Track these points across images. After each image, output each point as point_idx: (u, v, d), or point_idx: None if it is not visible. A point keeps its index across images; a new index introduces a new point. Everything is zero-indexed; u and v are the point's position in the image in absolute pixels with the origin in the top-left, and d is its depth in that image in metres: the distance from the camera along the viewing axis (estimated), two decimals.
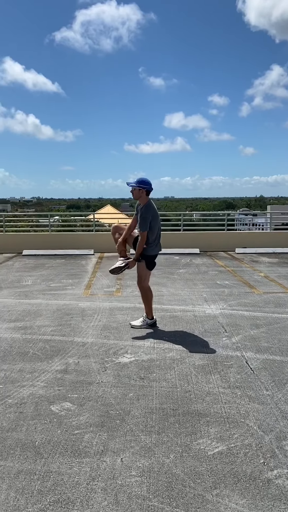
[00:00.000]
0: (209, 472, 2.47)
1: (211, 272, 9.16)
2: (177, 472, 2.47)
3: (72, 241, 12.86)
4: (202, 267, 9.83)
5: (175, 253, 11.94)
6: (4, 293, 7.16)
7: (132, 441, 2.80)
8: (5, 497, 2.27)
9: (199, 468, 2.50)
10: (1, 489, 2.33)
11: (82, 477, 2.43)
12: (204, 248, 12.54)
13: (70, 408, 3.22)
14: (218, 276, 8.68)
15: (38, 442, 2.78)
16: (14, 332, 5.02)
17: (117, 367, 4.00)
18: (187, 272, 9.16)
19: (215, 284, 7.83)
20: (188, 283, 7.94)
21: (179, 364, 4.06)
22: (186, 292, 7.12)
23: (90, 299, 6.73)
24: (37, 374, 3.84)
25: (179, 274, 8.92)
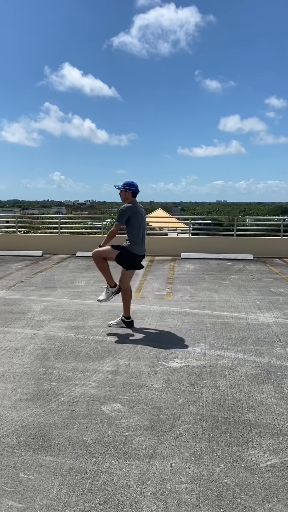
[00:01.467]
0: (261, 485, 2.39)
1: (265, 279, 8.93)
2: (227, 482, 2.42)
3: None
4: (255, 273, 9.61)
5: (227, 258, 11.77)
6: (59, 293, 7.36)
7: (182, 447, 2.77)
8: (57, 493, 2.32)
9: (251, 480, 2.44)
10: (53, 485, 2.39)
11: (131, 479, 2.44)
12: (258, 254, 12.26)
13: (120, 410, 3.25)
14: (272, 283, 8.44)
15: (89, 441, 2.83)
16: (67, 331, 5.15)
17: (167, 371, 3.99)
18: (240, 278, 8.99)
19: (269, 291, 7.63)
20: (241, 289, 7.78)
21: (231, 372, 3.99)
22: (238, 299, 6.99)
23: (141, 302, 6.77)
24: (89, 374, 3.91)
25: (232, 280, 8.77)
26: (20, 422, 3.06)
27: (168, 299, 6.96)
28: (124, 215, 5.12)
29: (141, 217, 5.30)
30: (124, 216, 5.12)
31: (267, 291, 7.62)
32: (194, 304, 6.58)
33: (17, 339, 4.85)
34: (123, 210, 5.14)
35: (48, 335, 5.02)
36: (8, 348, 4.56)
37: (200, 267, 10.43)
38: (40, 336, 4.96)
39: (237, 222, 13.80)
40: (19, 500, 2.27)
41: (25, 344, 4.70)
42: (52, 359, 4.26)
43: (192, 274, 9.48)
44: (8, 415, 3.16)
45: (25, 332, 5.11)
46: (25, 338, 4.89)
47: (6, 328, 5.29)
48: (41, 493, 2.32)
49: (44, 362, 4.19)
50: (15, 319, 5.71)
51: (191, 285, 8.10)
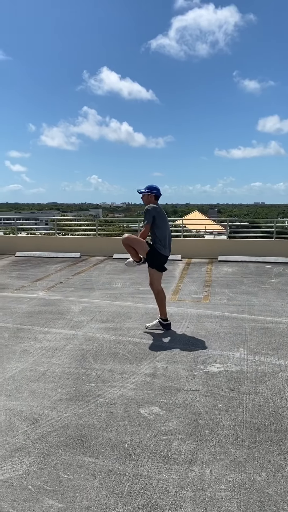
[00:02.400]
0: None
1: None
2: (269, 492, 2.35)
3: None
4: None
5: (266, 261, 11.52)
6: (96, 294, 7.44)
7: (221, 453, 2.73)
8: (96, 494, 2.33)
9: None
10: (93, 486, 2.40)
11: (170, 484, 2.42)
12: None
13: (158, 413, 3.23)
14: None
15: (128, 444, 2.82)
16: (105, 333, 5.19)
17: (206, 376, 3.94)
18: (280, 282, 8.78)
19: None
20: (281, 293, 7.60)
21: (271, 378, 3.89)
22: (278, 303, 6.82)
23: (178, 304, 6.73)
24: (127, 376, 3.91)
25: (271, 283, 8.58)
26: (60, 422, 3.10)
27: (206, 302, 6.88)
28: (150, 214, 5.18)
29: (165, 220, 5.37)
30: (150, 215, 5.18)
31: None
32: (232, 308, 6.48)
33: (57, 339, 4.93)
34: (148, 209, 5.21)
35: (87, 336, 5.07)
36: (48, 348, 4.64)
37: (238, 270, 10.27)
38: (79, 337, 5.02)
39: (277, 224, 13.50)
40: (59, 499, 2.30)
41: (64, 344, 4.77)
42: (91, 360, 4.30)
43: (230, 277, 9.34)
44: (48, 415, 3.21)
45: (64, 333, 5.19)
46: (64, 339, 4.96)
47: (46, 328, 5.39)
48: (81, 494, 2.34)
49: (83, 362, 4.24)
50: (54, 319, 5.81)
51: (229, 289, 7.98)
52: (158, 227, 5.23)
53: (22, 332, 5.23)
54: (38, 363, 4.22)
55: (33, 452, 2.73)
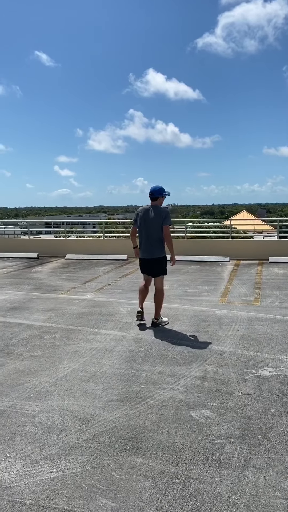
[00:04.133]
0: None
1: None
2: None
3: (207, 247, 12.88)
4: None
5: None
6: None
7: (275, 459, 2.66)
8: (148, 496, 2.34)
9: None
10: (145, 487, 2.41)
11: (223, 489, 2.39)
12: None
13: (209, 416, 3.20)
14: None
15: (179, 447, 2.82)
16: (153, 334, 5.20)
17: (258, 380, 3.85)
18: None
19: None
20: None
21: None
22: None
23: (227, 307, 6.64)
24: (177, 378, 3.91)
25: None
26: (111, 422, 3.15)
27: (256, 305, 6.74)
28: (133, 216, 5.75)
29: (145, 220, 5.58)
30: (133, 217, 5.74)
31: None
32: (284, 311, 6.30)
33: (106, 341, 5.00)
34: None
35: (136, 337, 5.11)
36: (99, 349, 4.72)
37: (285, 272, 9.98)
38: (128, 338, 5.07)
39: None
40: (113, 499, 2.33)
41: (114, 345, 4.83)
42: (140, 362, 4.32)
43: (282, 279, 9.09)
44: (100, 415, 3.26)
45: (114, 334, 5.26)
46: (114, 340, 5.02)
47: (96, 329, 5.49)
48: (133, 494, 2.36)
49: (133, 364, 4.27)
50: (104, 320, 5.90)
51: (280, 291, 7.77)
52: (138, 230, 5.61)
53: (73, 332, 5.36)
54: (89, 364, 4.30)
55: (86, 451, 2.78)
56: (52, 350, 4.75)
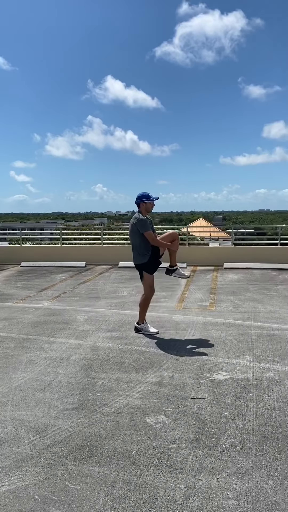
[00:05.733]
0: None
1: None
2: (277, 500, 2.34)
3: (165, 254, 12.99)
4: None
5: (271, 268, 11.50)
6: (102, 303, 7.45)
7: (228, 461, 2.71)
8: (103, 504, 2.33)
9: None
10: (99, 496, 2.40)
11: (177, 493, 2.41)
12: None
13: (165, 422, 3.23)
14: None
15: (134, 453, 2.82)
16: (111, 342, 5.19)
17: (212, 384, 3.93)
18: (286, 288, 8.75)
19: None
20: (286, 300, 7.57)
21: (278, 385, 3.87)
22: (285, 310, 6.79)
23: (184, 312, 6.73)
24: (133, 385, 3.91)
25: (277, 290, 8.55)
26: (66, 431, 3.11)
27: (212, 310, 6.87)
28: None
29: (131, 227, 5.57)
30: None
31: None
32: (238, 315, 6.46)
33: (62, 349, 4.94)
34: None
35: (92, 345, 5.08)
36: (54, 358, 4.65)
37: (244, 277, 10.25)
38: (84, 347, 5.03)
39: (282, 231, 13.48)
40: (66, 509, 2.29)
41: (70, 354, 4.77)
42: (96, 370, 4.30)
43: (236, 284, 9.33)
44: (55, 424, 3.21)
45: (70, 342, 5.20)
46: (70, 348, 4.97)
47: (51, 338, 5.40)
48: (87, 503, 2.34)
49: (89, 372, 4.24)
50: (60, 329, 5.82)
51: (234, 296, 7.97)
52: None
53: (28, 342, 5.25)
54: (44, 373, 4.23)
55: (39, 462, 2.73)
56: (6, 360, 4.63)
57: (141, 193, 5.55)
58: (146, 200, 5.49)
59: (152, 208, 5.58)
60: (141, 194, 5.53)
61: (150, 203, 5.52)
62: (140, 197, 5.51)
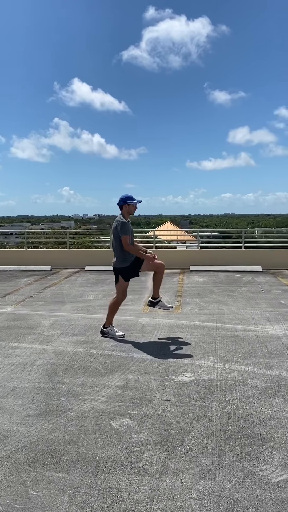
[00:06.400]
0: (273, 501, 2.35)
1: (274, 291, 8.87)
2: (239, 498, 2.38)
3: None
4: (264, 285, 9.56)
5: (236, 270, 11.73)
6: (67, 308, 7.38)
7: (192, 462, 2.74)
8: (66, 510, 2.30)
9: (262, 496, 2.40)
10: (63, 502, 2.37)
11: (141, 495, 2.42)
12: (267, 266, 12.19)
13: (130, 425, 3.23)
14: (282, 295, 8.38)
15: (99, 457, 2.81)
16: (76, 346, 5.15)
17: (177, 385, 3.96)
18: (249, 290, 8.94)
19: (278, 303, 7.57)
20: (250, 302, 7.74)
21: (241, 385, 3.95)
22: (248, 311, 6.94)
23: (150, 315, 6.75)
24: (98, 389, 3.89)
25: (241, 292, 8.73)
26: (30, 438, 3.06)
27: (177, 312, 6.93)
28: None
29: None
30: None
31: (276, 303, 7.56)
32: (203, 317, 6.55)
33: (26, 354, 4.86)
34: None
35: (57, 350, 5.02)
36: (18, 364, 4.56)
37: (209, 279, 10.40)
38: (49, 351, 4.96)
39: (246, 234, 13.78)
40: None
41: (34, 359, 4.70)
42: (61, 374, 4.25)
43: (201, 286, 9.45)
44: (18, 431, 3.15)
45: (34, 347, 5.12)
46: (34, 353, 4.89)
47: (15, 343, 5.30)
48: (50, 510, 2.31)
49: (53, 377, 4.19)
50: (24, 334, 5.72)
51: (200, 298, 8.07)
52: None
53: None
54: (7, 379, 4.14)
55: (1, 470, 2.67)
56: None
57: (124, 195, 5.53)
58: (130, 202, 5.50)
59: (134, 211, 5.61)
60: (124, 196, 5.52)
61: (133, 206, 5.53)
62: (123, 199, 5.50)
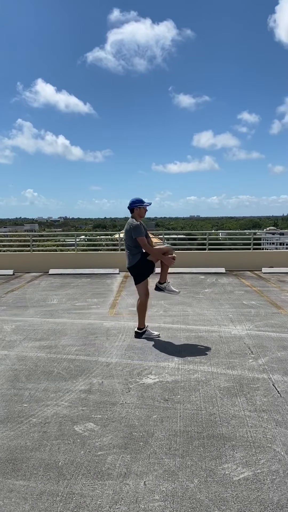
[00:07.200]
0: (234, 499, 2.40)
1: (237, 292, 9.05)
2: (201, 497, 2.41)
3: (97, 260, 12.98)
4: (228, 286, 9.73)
5: (200, 272, 11.88)
6: (30, 312, 7.25)
7: (155, 464, 2.75)
8: None
9: (224, 494, 2.43)
10: (24, 510, 2.33)
11: (104, 500, 2.40)
12: (230, 267, 12.43)
13: (93, 429, 3.21)
14: (244, 296, 8.56)
15: (61, 463, 2.77)
16: (39, 351, 5.07)
17: (141, 388, 3.97)
18: (213, 291, 9.08)
19: (241, 304, 7.73)
20: (213, 303, 7.86)
21: (204, 386, 4.00)
22: (211, 312, 7.05)
23: (115, 318, 6.74)
24: (61, 394, 3.85)
25: (205, 293, 8.85)
26: None
27: None
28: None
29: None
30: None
31: (239, 304, 7.71)
32: (168, 319, 6.60)
33: None
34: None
35: (19, 355, 4.92)
36: None
37: (174, 281, 10.48)
38: (11, 357, 4.86)
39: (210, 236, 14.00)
40: None
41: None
42: (24, 380, 4.17)
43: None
44: None
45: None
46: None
47: None
48: None
49: (15, 383, 4.10)
50: None
51: (165, 300, 8.12)
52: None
53: None
54: None
55: None
56: None
57: (135, 198, 5.60)
58: (140, 205, 5.57)
59: (145, 214, 5.71)
60: (135, 200, 5.59)
61: (143, 209, 5.62)
62: (134, 202, 5.57)
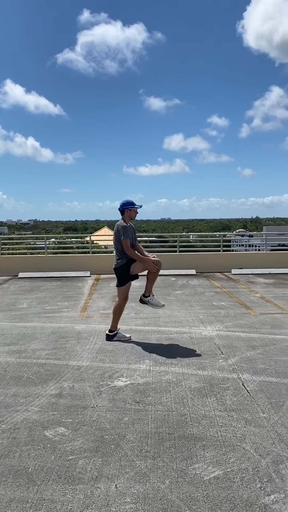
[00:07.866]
0: (205, 498, 2.42)
1: (207, 293, 9.16)
2: (172, 498, 2.43)
3: (68, 263, 12.88)
4: (198, 288, 9.84)
5: (171, 274, 11.96)
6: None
7: (127, 466, 2.75)
8: None
9: (195, 494, 2.46)
10: None
11: (75, 504, 2.38)
12: (201, 269, 12.57)
13: (64, 433, 3.17)
14: (214, 297, 8.67)
15: (31, 469, 2.73)
16: (8, 356, 4.98)
17: (112, 391, 3.96)
18: (184, 293, 9.15)
19: (211, 305, 7.83)
20: (184, 304, 7.93)
21: (175, 387, 4.03)
22: (182, 314, 7.10)
23: (86, 321, 6.70)
24: (31, 399, 3.79)
25: (176, 295, 8.91)
26: None
27: None
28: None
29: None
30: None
31: (209, 305, 7.81)
32: (139, 321, 6.61)
33: None
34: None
35: None
36: None
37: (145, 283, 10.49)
38: None
39: (181, 238, 14.12)
40: None
41: None
42: None
43: (138, 291, 9.48)
44: None
45: None
46: None
47: None
48: None
49: None
50: None
51: (136, 302, 8.10)
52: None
53: None
54: None
55: None
56: None
57: (125, 200, 5.60)
58: (131, 207, 5.57)
59: (135, 216, 5.69)
60: (126, 202, 5.58)
61: (134, 211, 5.61)
62: (125, 204, 5.57)
